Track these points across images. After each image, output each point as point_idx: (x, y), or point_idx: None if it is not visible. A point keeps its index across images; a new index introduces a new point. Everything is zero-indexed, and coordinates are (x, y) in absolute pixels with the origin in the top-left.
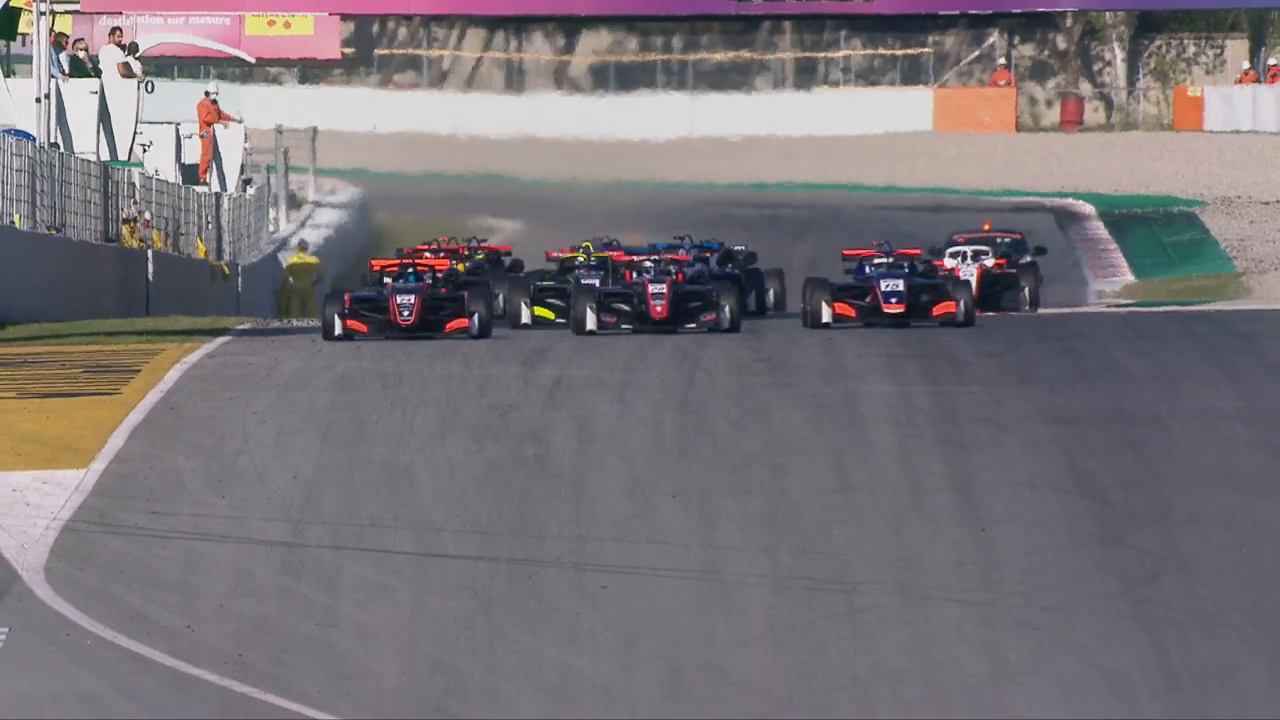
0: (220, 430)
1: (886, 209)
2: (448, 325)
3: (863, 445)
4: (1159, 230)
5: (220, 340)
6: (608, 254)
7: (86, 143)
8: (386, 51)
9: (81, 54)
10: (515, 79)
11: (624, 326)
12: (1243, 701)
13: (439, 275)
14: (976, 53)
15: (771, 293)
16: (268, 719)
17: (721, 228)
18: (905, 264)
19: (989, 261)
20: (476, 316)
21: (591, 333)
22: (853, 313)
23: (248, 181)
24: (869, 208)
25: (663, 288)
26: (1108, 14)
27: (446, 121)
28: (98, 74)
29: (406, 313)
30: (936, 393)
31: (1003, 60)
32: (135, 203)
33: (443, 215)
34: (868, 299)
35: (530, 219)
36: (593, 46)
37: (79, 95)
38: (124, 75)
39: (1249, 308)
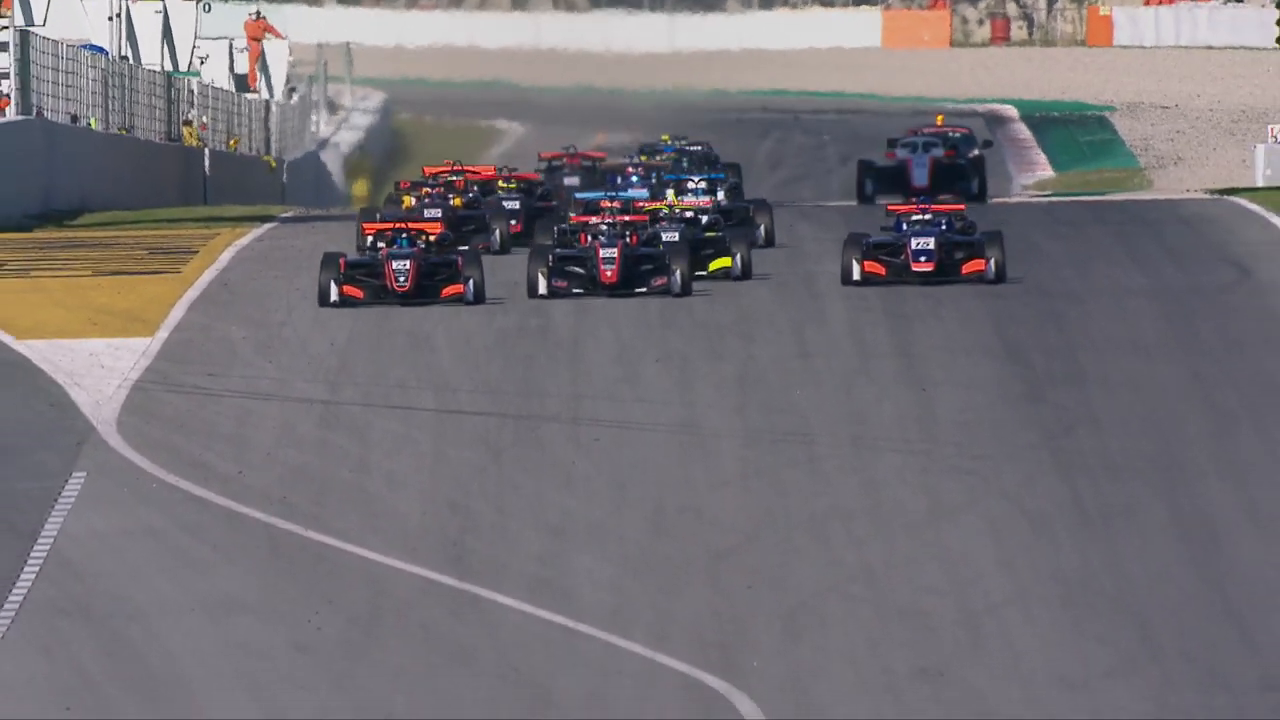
0: (267, 304)
1: (839, 112)
2: (443, 291)
3: (819, 317)
4: (1074, 131)
5: (268, 226)
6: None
7: (151, 56)
8: None
9: None
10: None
11: (575, 290)
12: (1144, 535)
13: (431, 240)
14: None
15: (763, 228)
16: (309, 552)
17: (696, 129)
18: (942, 220)
19: (939, 153)
20: (471, 282)
21: (543, 296)
22: (883, 270)
23: (292, 90)
24: (826, 111)
25: (614, 252)
26: None
27: (461, 36)
28: None
29: (402, 279)
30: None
31: None
32: (193, 110)
33: (457, 118)
34: (901, 256)
35: (532, 121)
36: None
37: (145, 14)
38: None
39: (1151, 198)
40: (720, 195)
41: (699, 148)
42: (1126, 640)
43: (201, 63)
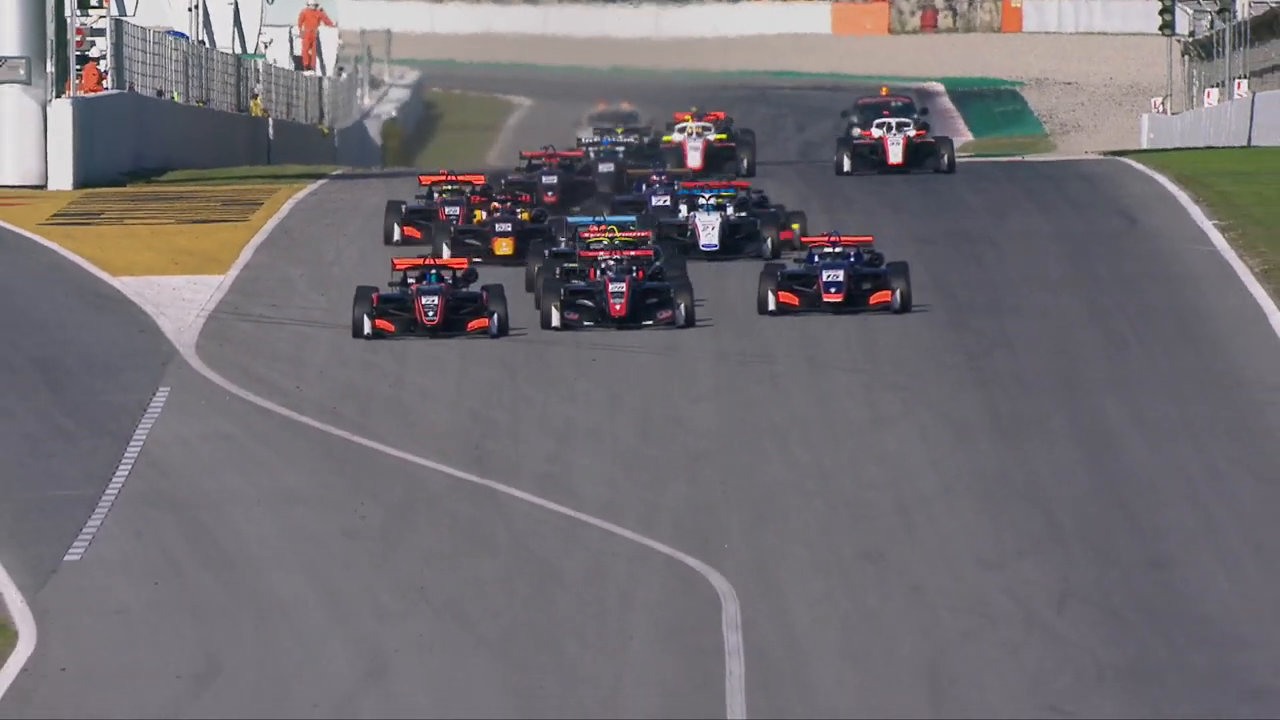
0: (320, 247)
1: (796, 89)
2: (469, 325)
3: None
4: (990, 103)
5: (321, 182)
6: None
7: (224, 40)
8: None
9: None
10: None
11: (585, 323)
12: (1049, 439)
13: (459, 275)
14: None
15: (769, 241)
16: (354, 453)
17: (677, 101)
18: (851, 252)
19: (911, 132)
20: (496, 316)
21: (555, 329)
22: (796, 300)
23: (341, 69)
24: (784, 88)
25: (622, 286)
26: None
27: (482, 24)
28: None
29: (431, 313)
30: (830, 221)
31: None
32: (259, 85)
33: (478, 92)
34: (813, 287)
35: (539, 96)
36: None
37: (219, 4)
38: None
39: (1054, 159)
40: (730, 210)
41: (710, 127)
42: (1034, 527)
43: (266, 46)
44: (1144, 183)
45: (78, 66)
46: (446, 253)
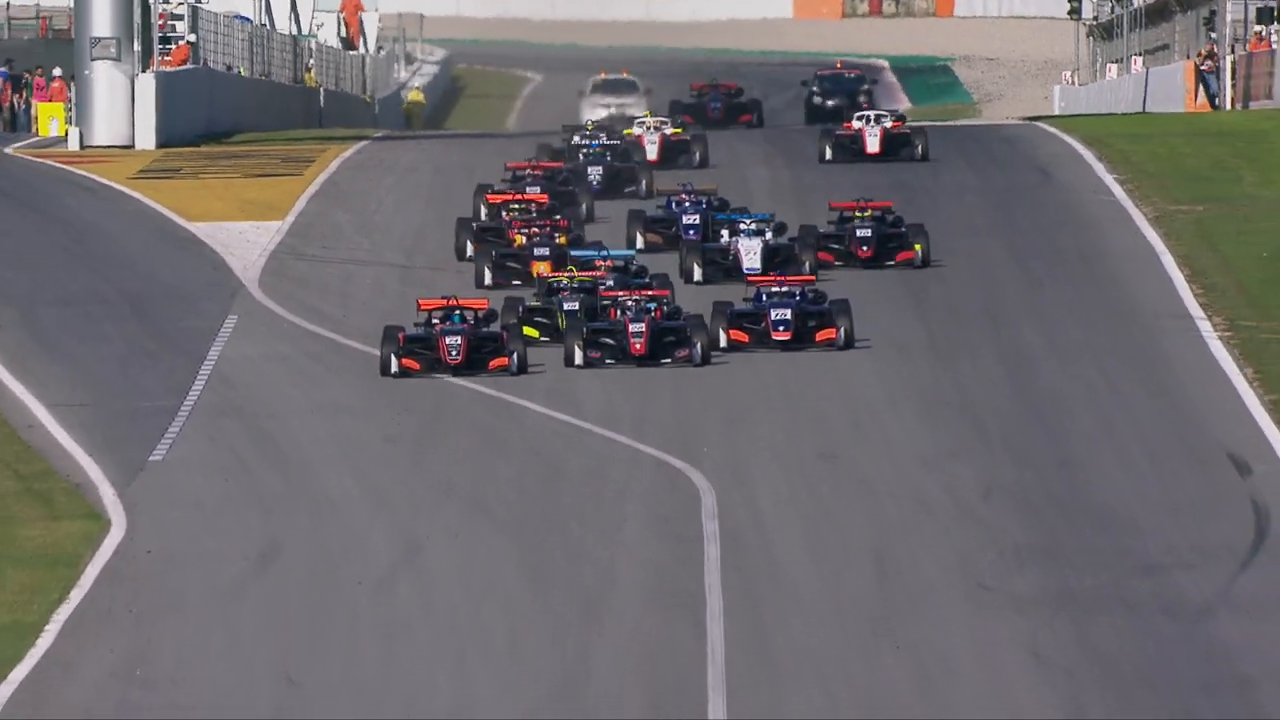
0: (364, 197)
1: (762, 65)
2: (490, 363)
3: (744, 198)
4: (926, 77)
5: (364, 143)
6: (590, 275)
7: (282, 23)
8: None
9: None
10: None
11: (607, 361)
12: (976, 360)
13: (480, 315)
14: None
15: (807, 264)
16: (424, 387)
17: (666, 74)
18: (797, 291)
19: (888, 124)
20: (515, 355)
21: (579, 366)
22: (746, 338)
23: (381, 47)
24: (752, 64)
25: (641, 326)
26: None
27: (500, 10)
28: None
29: (454, 352)
30: (793, 175)
31: None
32: (311, 61)
33: (496, 68)
34: (762, 324)
35: (548, 70)
36: None
37: None
38: None
39: (981, 123)
40: (769, 235)
41: (667, 121)
42: (964, 432)
43: (318, 29)
44: (1055, 143)
45: (162, 46)
46: (488, 275)
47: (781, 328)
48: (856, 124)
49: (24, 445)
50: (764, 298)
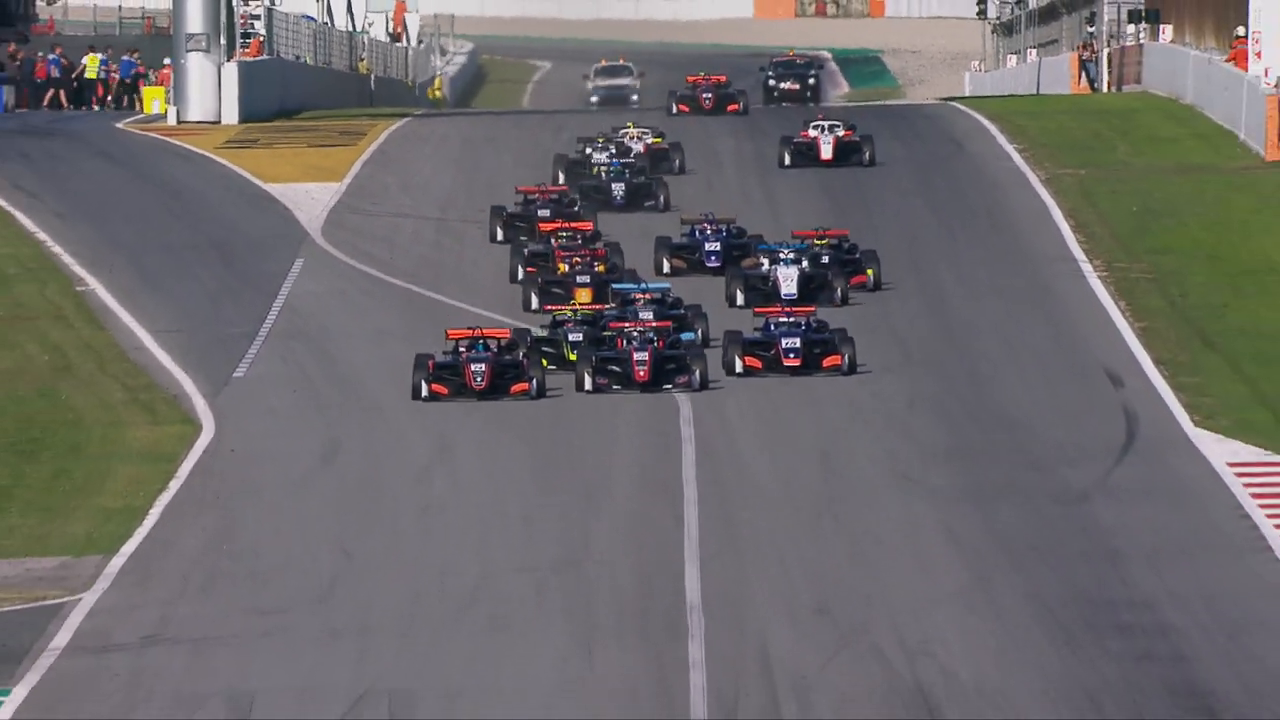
0: (407, 162)
1: (727, 55)
2: (511, 388)
3: (713, 168)
4: (861, 66)
5: (406, 119)
6: (596, 308)
7: (341, 21)
8: None
9: None
10: None
11: (614, 387)
12: (904, 297)
13: (503, 344)
14: None
15: (839, 291)
16: (428, 304)
17: (653, 63)
18: (803, 321)
19: (840, 133)
20: (534, 381)
21: (588, 391)
22: (759, 364)
23: (420, 41)
24: (717, 55)
25: (645, 355)
26: None
27: (518, 10)
28: None
29: (479, 379)
30: (755, 146)
31: None
32: (364, 52)
33: (514, 59)
34: (772, 351)
35: (556, 60)
36: None
37: None
38: None
39: (905, 104)
40: (805, 264)
41: (649, 130)
42: (893, 353)
43: (369, 26)
44: (966, 120)
45: (242, 40)
46: (534, 300)
47: (792, 354)
48: (812, 133)
49: (132, 364)
50: (772, 327)
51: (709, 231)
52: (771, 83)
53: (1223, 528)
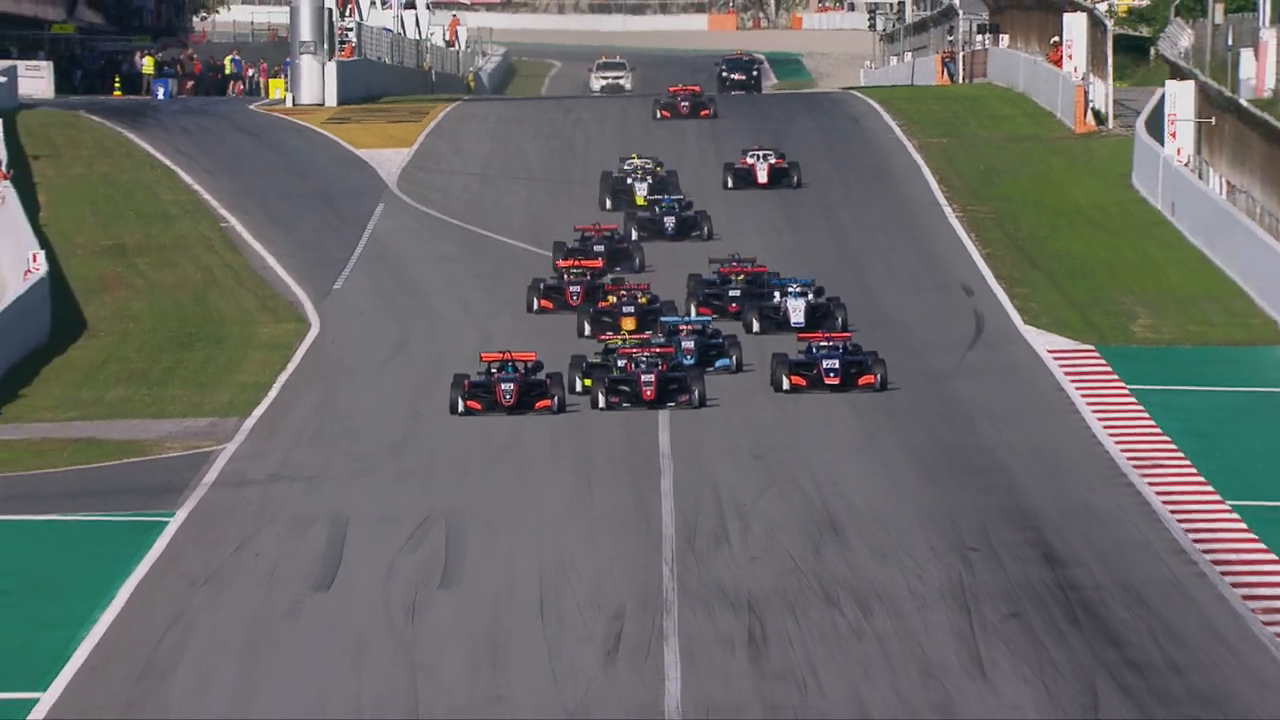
0: (459, 134)
1: (688, 58)
2: (537, 404)
3: (670, 151)
4: (785, 65)
5: (457, 104)
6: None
7: (410, 31)
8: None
9: None
10: (567, 6)
11: (624, 405)
12: (816, 231)
13: (529, 366)
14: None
15: (841, 319)
16: (476, 237)
17: (638, 61)
18: (840, 345)
19: (773, 160)
20: (557, 398)
21: (602, 408)
22: (804, 382)
23: (468, 46)
24: (682, 59)
25: (651, 377)
26: None
27: (537, 25)
28: (413, 6)
29: (508, 396)
30: (715, 122)
31: (730, 5)
32: (427, 55)
33: (536, 59)
34: (814, 371)
35: (565, 59)
36: None
37: (408, 15)
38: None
39: (817, 91)
40: (811, 296)
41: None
42: (801, 274)
43: (431, 35)
44: (861, 103)
45: (340, 45)
46: (587, 329)
47: (832, 374)
48: (750, 160)
49: (260, 279)
50: (814, 350)
51: (735, 274)
52: (724, 75)
53: (1044, 397)
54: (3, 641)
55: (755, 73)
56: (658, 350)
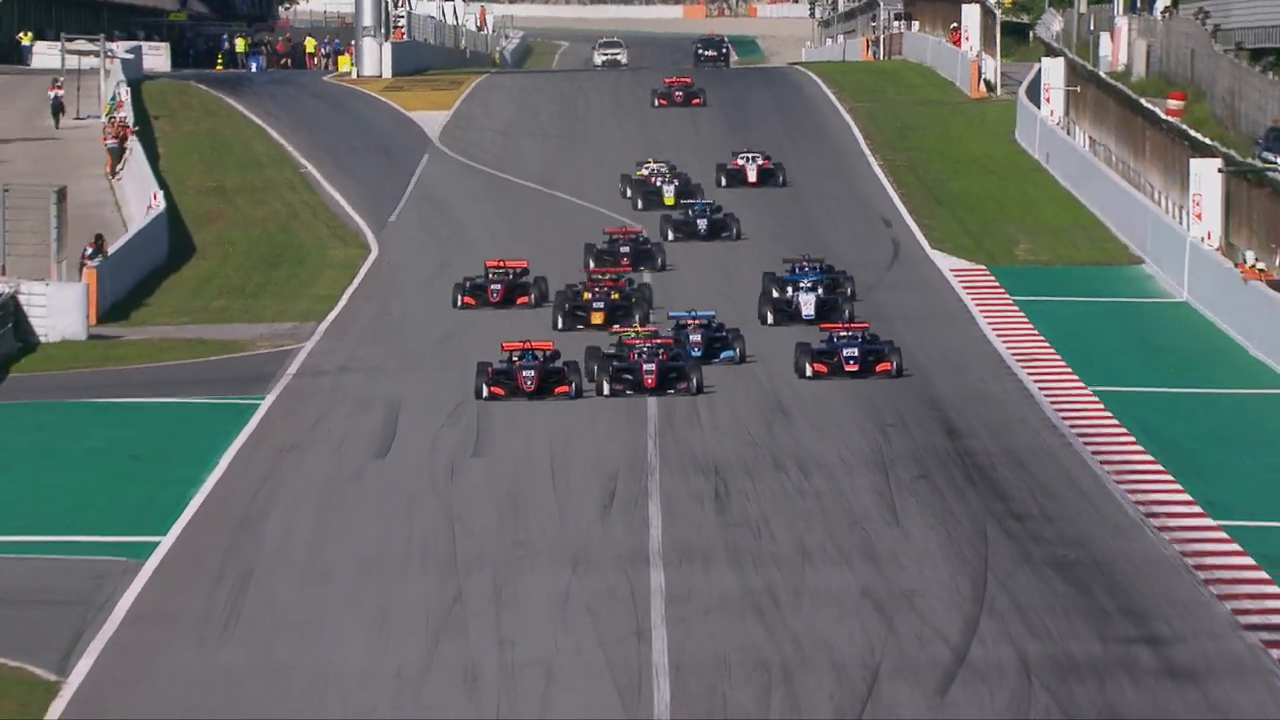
0: (490, 101)
1: (668, 39)
2: (555, 389)
3: (657, 120)
4: (745, 46)
5: (486, 75)
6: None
7: (449, 19)
8: None
9: None
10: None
11: (627, 392)
12: (772, 190)
13: (548, 354)
14: None
15: (847, 312)
16: (512, 187)
17: (632, 41)
18: (859, 335)
19: (760, 162)
20: (574, 384)
21: (606, 395)
22: (825, 369)
23: (494, 29)
24: (664, 40)
25: (652, 366)
26: None
27: (551, 12)
28: None
29: (529, 383)
30: (690, 110)
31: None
32: (462, 37)
33: (549, 40)
34: (835, 359)
35: (572, 40)
36: None
37: (448, 8)
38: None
39: (768, 65)
40: (820, 291)
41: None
42: (759, 213)
43: (465, 21)
44: (803, 75)
45: (394, 28)
46: (560, 321)
47: (852, 361)
48: (740, 161)
49: (332, 214)
50: (834, 339)
51: (805, 268)
52: (700, 51)
53: (947, 307)
54: (134, 497)
55: (724, 50)
56: (659, 341)
